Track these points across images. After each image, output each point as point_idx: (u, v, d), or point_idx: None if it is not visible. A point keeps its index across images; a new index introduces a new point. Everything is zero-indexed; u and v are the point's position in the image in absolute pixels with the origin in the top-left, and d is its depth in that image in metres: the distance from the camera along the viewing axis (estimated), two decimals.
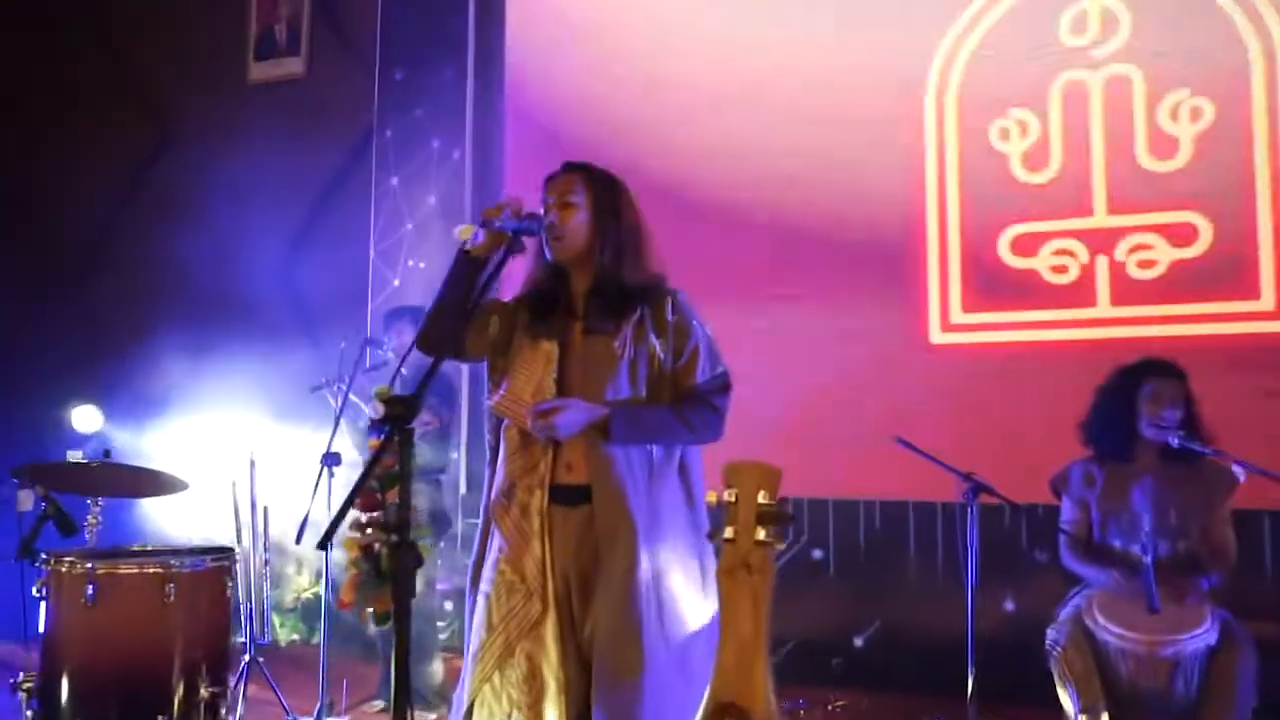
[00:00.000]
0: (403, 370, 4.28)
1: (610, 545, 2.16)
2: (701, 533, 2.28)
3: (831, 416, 4.35)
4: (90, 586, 2.78)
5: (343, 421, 4.00)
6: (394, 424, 1.59)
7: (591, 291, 2.30)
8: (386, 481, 1.85)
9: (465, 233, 2.12)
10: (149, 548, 3.16)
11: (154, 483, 3.31)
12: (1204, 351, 3.84)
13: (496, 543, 2.26)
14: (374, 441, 1.79)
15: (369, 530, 1.83)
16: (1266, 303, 3.95)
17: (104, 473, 3.24)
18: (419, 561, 1.60)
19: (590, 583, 2.19)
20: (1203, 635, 2.86)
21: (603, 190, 2.31)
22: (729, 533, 1.63)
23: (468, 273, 2.27)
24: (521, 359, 2.28)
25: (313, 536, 3.99)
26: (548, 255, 2.30)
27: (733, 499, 1.65)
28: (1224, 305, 4.00)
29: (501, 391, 2.25)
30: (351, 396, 3.95)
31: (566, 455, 2.23)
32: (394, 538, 1.63)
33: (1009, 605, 4.14)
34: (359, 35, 5.75)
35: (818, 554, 4.51)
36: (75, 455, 5.80)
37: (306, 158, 5.75)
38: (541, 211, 2.28)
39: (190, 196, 5.81)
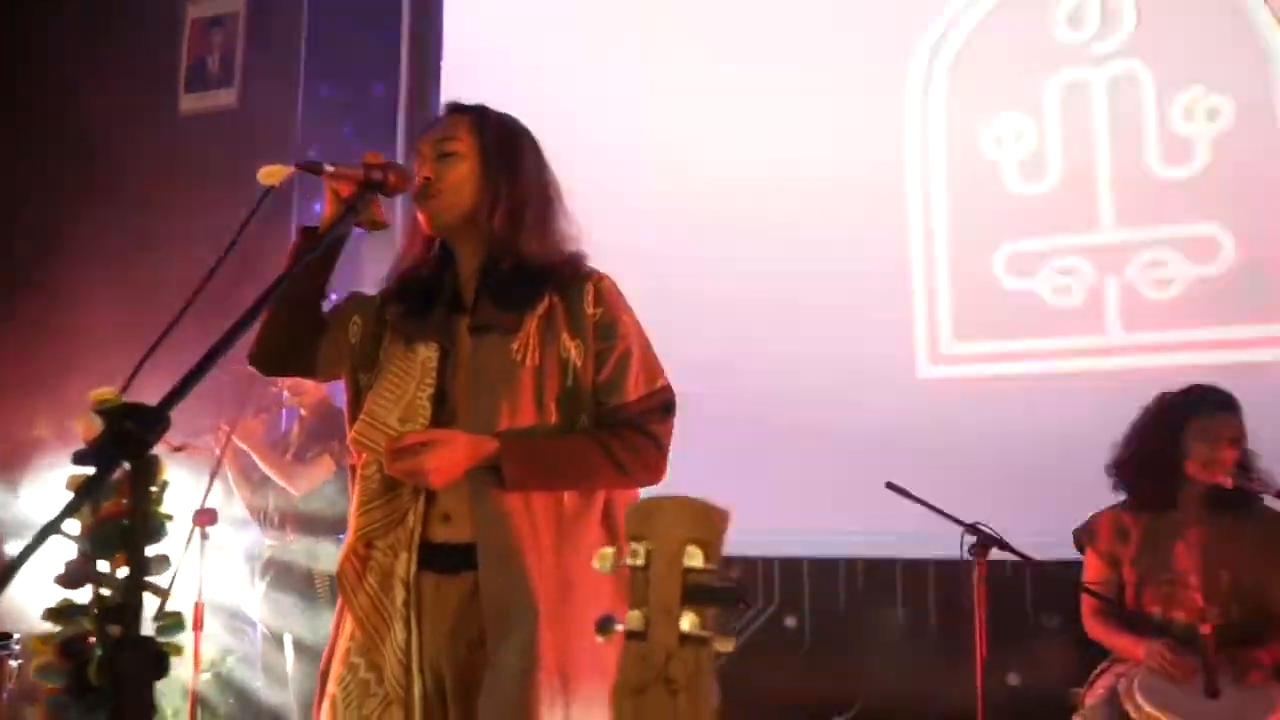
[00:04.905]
0: (301, 411, 3.69)
1: (501, 631, 1.56)
2: None
3: (804, 461, 3.77)
4: None
5: (229, 473, 3.42)
6: (122, 448, 0.99)
7: (481, 273, 1.72)
8: (102, 540, 1.19)
9: (271, 175, 1.53)
10: None
11: None
12: (1228, 382, 3.33)
13: (348, 626, 1.66)
14: (75, 477, 1.14)
15: (73, 620, 1.17)
16: None
17: None
18: (159, 669, 0.99)
19: (473, 682, 1.59)
20: None
21: (496, 136, 1.73)
22: (634, 620, 0.89)
23: (315, 255, 1.70)
24: (390, 370, 1.69)
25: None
26: (423, 225, 1.74)
27: (641, 561, 0.83)
28: (1251, 329, 3.47)
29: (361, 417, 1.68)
30: (236, 440, 3.33)
31: (444, 502, 1.64)
32: (114, 631, 0.99)
33: (1013, 679, 3.56)
34: (294, 63, 5.28)
35: (791, 622, 3.89)
36: None
37: (241, 189, 5.24)
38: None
39: (125, 230, 5.27)
